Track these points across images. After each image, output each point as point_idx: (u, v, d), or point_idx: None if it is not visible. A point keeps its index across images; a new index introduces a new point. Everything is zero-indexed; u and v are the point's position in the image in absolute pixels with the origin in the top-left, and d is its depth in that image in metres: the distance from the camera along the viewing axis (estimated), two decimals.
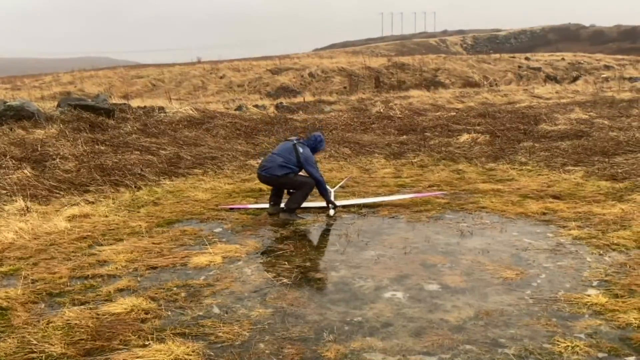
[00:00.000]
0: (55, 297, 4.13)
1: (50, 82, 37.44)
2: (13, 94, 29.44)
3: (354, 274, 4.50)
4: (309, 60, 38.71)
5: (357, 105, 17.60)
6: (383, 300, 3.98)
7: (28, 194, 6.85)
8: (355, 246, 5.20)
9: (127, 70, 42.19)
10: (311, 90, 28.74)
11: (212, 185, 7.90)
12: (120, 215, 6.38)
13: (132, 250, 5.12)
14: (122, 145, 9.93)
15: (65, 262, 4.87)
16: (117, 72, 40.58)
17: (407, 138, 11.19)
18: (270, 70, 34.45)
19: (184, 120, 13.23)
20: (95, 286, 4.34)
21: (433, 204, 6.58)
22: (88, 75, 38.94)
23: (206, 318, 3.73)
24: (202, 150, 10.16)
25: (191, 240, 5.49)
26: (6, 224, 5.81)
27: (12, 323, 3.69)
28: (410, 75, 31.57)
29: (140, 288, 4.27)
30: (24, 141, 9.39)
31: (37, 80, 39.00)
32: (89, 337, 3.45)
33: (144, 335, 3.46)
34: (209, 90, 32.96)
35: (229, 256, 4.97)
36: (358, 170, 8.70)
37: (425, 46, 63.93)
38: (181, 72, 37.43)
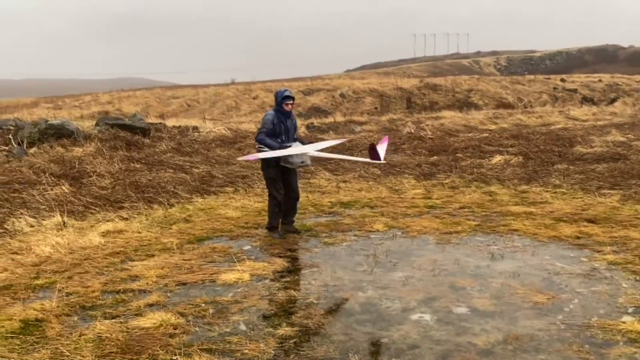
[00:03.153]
0: (88, 311, 4.24)
1: (89, 101, 38.75)
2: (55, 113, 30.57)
3: (381, 295, 4.47)
4: (340, 81, 39.03)
5: (388, 126, 17.60)
6: (410, 322, 3.94)
7: (65, 209, 7.07)
8: (383, 267, 5.17)
9: (163, 90, 43.36)
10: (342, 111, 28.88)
11: (242, 203, 7.99)
12: (152, 232, 6.52)
13: (163, 266, 5.22)
14: (156, 164, 10.17)
15: (99, 277, 5.00)
16: (154, 92, 41.74)
17: (438, 159, 11.12)
18: (302, 91, 34.82)
19: (217, 140, 13.48)
20: (126, 300, 4.43)
21: (464, 226, 6.51)
22: (126, 96, 40.14)
23: (233, 335, 3.77)
24: (233, 168, 10.31)
25: (220, 257, 5.56)
26: (44, 239, 6.00)
27: (47, 334, 3.80)
28: (443, 96, 31.43)
29: (169, 303, 4.35)
30: (63, 158, 9.72)
31: (78, 100, 40.42)
32: (119, 350, 3.52)
33: (172, 350, 3.51)
34: (241, 110, 33.54)
35: (257, 274, 5.01)
36: (387, 191, 8.67)
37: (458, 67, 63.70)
38: (215, 93, 38.22)
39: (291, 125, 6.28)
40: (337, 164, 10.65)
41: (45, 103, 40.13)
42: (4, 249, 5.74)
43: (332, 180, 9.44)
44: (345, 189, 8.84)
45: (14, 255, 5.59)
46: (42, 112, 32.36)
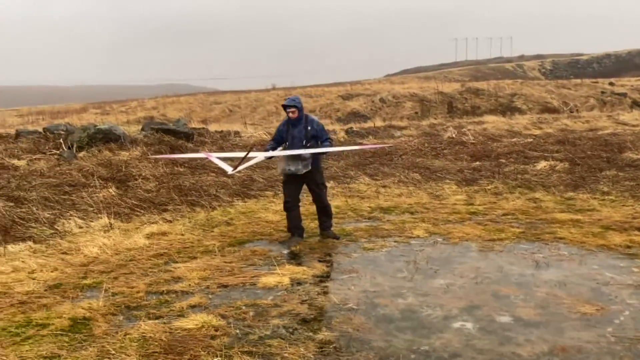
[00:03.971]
0: (133, 311, 4.35)
1: (135, 107, 39.91)
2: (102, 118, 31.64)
3: (422, 302, 4.41)
4: (380, 86, 38.86)
5: (428, 131, 17.41)
6: (452, 330, 3.88)
7: (112, 211, 7.29)
8: (424, 274, 5.11)
9: (206, 96, 44.23)
10: (382, 116, 28.74)
11: (281, 207, 8.03)
12: (195, 234, 6.65)
13: (205, 268, 5.31)
14: (199, 167, 10.37)
15: (143, 278, 5.12)
16: (197, 98, 42.63)
17: (480, 164, 10.91)
18: (341, 96, 34.87)
19: (257, 144, 13.63)
20: (169, 301, 4.52)
21: (507, 233, 6.36)
22: (170, 101, 41.17)
23: (272, 338, 3.79)
24: (273, 173, 10.40)
25: (260, 260, 5.62)
26: (92, 240, 6.21)
27: (94, 333, 3.92)
28: (485, 101, 30.84)
29: (211, 305, 4.41)
30: (110, 162, 10.03)
31: (124, 105, 41.70)
32: (162, 351, 3.60)
33: (213, 352, 3.56)
34: (282, 115, 33.78)
35: (297, 278, 5.02)
36: (428, 196, 8.57)
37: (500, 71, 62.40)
38: (256, 99, 38.70)
39: (299, 133, 6.16)
40: (376, 169, 10.61)
41: (94, 108, 41.59)
42: (55, 249, 5.97)
43: (371, 185, 9.40)
44: (384, 194, 8.79)
45: (63, 255, 5.80)
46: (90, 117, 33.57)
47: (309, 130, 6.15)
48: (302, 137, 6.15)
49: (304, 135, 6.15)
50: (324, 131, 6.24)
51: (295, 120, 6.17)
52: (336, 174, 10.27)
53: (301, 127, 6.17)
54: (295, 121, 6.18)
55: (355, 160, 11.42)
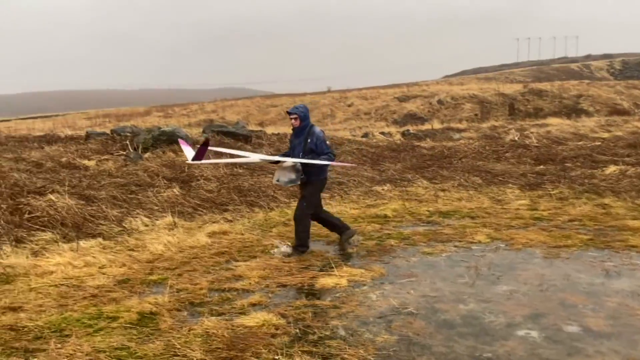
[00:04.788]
0: (196, 307, 4.48)
1: (196, 110, 41.19)
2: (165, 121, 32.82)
3: (484, 309, 4.30)
4: (438, 87, 38.27)
5: (488, 133, 16.99)
6: (516, 338, 3.76)
7: (176, 210, 7.55)
8: (486, 280, 4.98)
9: (263, 99, 45.04)
10: (439, 118, 28.30)
11: (338, 209, 8.07)
12: (254, 234, 6.77)
13: (265, 268, 5.40)
14: (257, 169, 10.56)
15: (206, 275, 5.27)
16: (254, 101, 43.47)
17: (544, 168, 10.52)
18: (397, 98, 34.60)
19: None
20: (231, 299, 4.63)
21: (574, 240, 6.10)
22: (229, 105, 42.20)
23: (332, 339, 3.80)
24: (329, 175, 10.44)
25: (318, 261, 5.65)
26: (157, 237, 6.45)
27: (160, 327, 4.06)
28: (549, 102, 29.74)
29: (271, 304, 4.48)
30: (174, 163, 10.39)
31: (185, 108, 43.12)
32: (225, 347, 3.69)
33: (274, 350, 3.61)
34: (337, 118, 33.96)
35: (355, 280, 5.02)
36: (489, 201, 8.35)
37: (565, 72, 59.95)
38: (312, 101, 39.01)
39: (299, 143, 5.89)
40: (435, 172, 10.44)
41: (157, 111, 43.23)
42: (123, 246, 6.24)
43: (429, 189, 9.26)
44: (444, 197, 8.64)
45: (130, 251, 6.06)
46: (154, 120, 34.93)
47: (308, 143, 5.82)
48: (301, 149, 5.87)
49: (302, 147, 5.85)
50: (324, 145, 5.83)
51: (297, 129, 5.90)
52: (393, 176, 10.20)
53: (302, 137, 5.88)
54: (297, 130, 5.91)
55: (412, 163, 11.29)
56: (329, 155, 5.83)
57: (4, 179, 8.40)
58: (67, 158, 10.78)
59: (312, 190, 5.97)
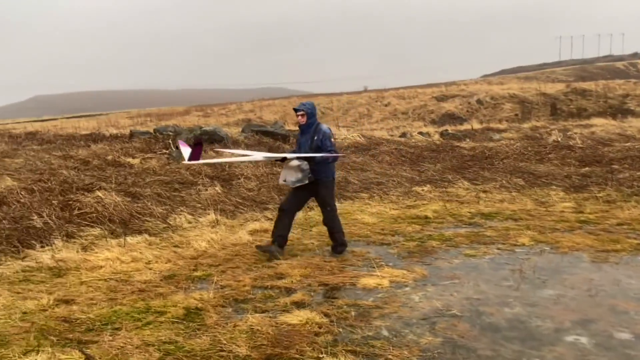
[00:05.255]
0: (240, 304, 4.55)
1: (234, 110, 41.74)
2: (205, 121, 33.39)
3: (530, 313, 4.22)
4: (477, 87, 37.64)
5: (530, 134, 16.60)
6: (564, 344, 3.67)
7: (218, 208, 7.68)
8: (531, 283, 4.88)
9: (300, 99, 45.21)
10: (478, 118, 27.83)
11: (378, 209, 8.05)
12: (294, 233, 6.80)
13: (306, 266, 5.43)
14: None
15: (248, 272, 5.35)
16: (292, 101, 43.68)
17: (590, 170, 10.22)
18: (435, 98, 34.21)
19: (351, 146, 13.74)
20: (273, 297, 4.68)
21: (623, 244, 5.91)
22: (266, 104, 42.58)
23: (375, 339, 3.80)
24: (368, 175, 10.43)
25: (359, 261, 5.66)
26: (201, 234, 6.58)
27: (206, 322, 4.14)
28: (593, 102, 28.84)
29: (313, 303, 4.51)
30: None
31: (224, 108, 43.75)
32: (269, 344, 3.73)
33: (318, 348, 3.64)
34: (373, 117, 33.83)
35: (396, 281, 5.00)
36: (533, 203, 8.17)
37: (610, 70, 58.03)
38: (348, 101, 39.01)
39: (305, 141, 5.78)
40: (476, 173, 10.29)
41: (196, 111, 44.02)
42: (168, 242, 6.39)
43: (470, 190, 9.13)
44: (485, 199, 8.51)
45: (175, 248, 6.20)
46: (193, 119, 35.59)
47: (314, 140, 5.69)
48: (307, 147, 5.74)
49: (309, 145, 5.72)
50: (328, 142, 5.69)
51: (304, 126, 5.79)
52: (433, 177, 10.10)
53: (308, 135, 5.76)
54: (304, 128, 5.80)
55: (453, 164, 11.15)
56: (331, 152, 5.70)
57: (54, 175, 8.72)
58: (112, 156, 11.11)
59: (328, 192, 5.85)
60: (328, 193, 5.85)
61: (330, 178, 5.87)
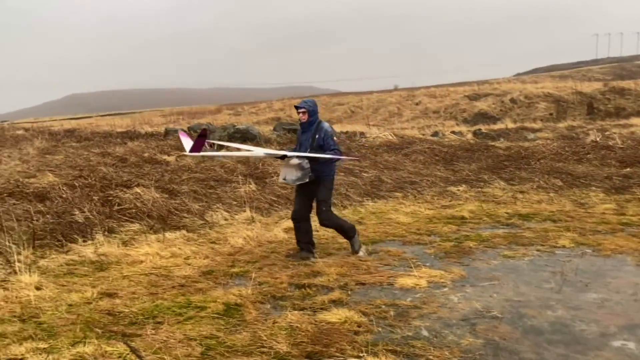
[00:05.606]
0: (278, 300, 4.58)
1: (264, 108, 41.99)
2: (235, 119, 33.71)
3: (574, 316, 4.13)
4: (510, 86, 36.96)
5: (566, 133, 16.25)
6: (611, 349, 3.58)
7: (253, 206, 7.75)
8: (573, 286, 4.78)
9: (329, 97, 45.28)
10: (512, 117, 27.33)
11: (412, 209, 8.00)
12: (329, 231, 6.82)
13: (342, 265, 5.44)
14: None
15: (285, 269, 5.38)
16: (321, 99, 43.69)
17: (632, 171, 9.93)
18: (467, 96, 33.74)
19: (383, 145, 13.69)
20: (311, 295, 4.70)
21: None
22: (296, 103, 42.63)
23: (415, 339, 3.78)
24: (401, 174, 10.37)
25: (395, 261, 5.63)
26: (237, 231, 6.65)
27: (245, 318, 4.19)
28: (632, 102, 27.98)
29: (351, 302, 4.51)
30: (249, 159, 10.65)
31: (254, 107, 44.06)
32: (309, 341, 3.75)
33: (358, 347, 3.64)
34: (404, 116, 33.58)
35: (434, 281, 4.96)
36: (571, 204, 7.99)
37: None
38: (378, 99, 38.80)
39: (306, 140, 5.66)
40: (512, 173, 10.12)
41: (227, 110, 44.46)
42: (205, 239, 6.49)
43: (507, 190, 8.99)
44: (522, 199, 8.36)
45: (213, 244, 6.28)
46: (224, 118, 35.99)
47: (316, 139, 5.58)
48: (308, 146, 5.62)
49: (310, 144, 5.61)
50: (331, 140, 5.59)
51: (305, 124, 5.69)
52: (468, 177, 9.97)
53: (310, 134, 5.65)
54: (305, 126, 5.70)
55: (488, 164, 11.00)
56: (334, 152, 5.57)
57: (94, 172, 8.94)
58: (148, 153, 11.32)
59: (326, 191, 5.73)
60: (327, 191, 5.73)
61: (331, 177, 5.78)
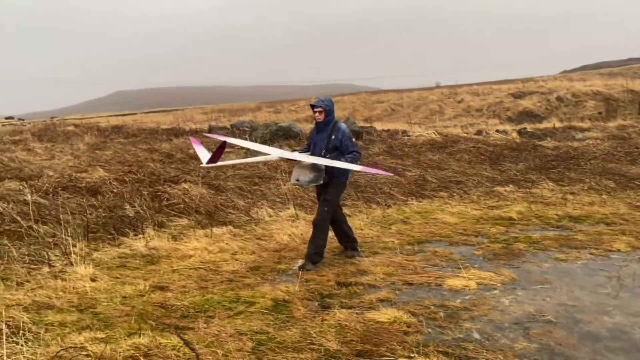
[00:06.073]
0: (326, 298, 4.59)
1: (303, 106, 42.08)
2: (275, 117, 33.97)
3: (633, 323, 3.97)
4: (556, 84, 35.89)
5: (616, 133, 15.66)
6: None
7: (297, 203, 7.79)
8: (631, 292, 4.60)
9: (369, 95, 45.04)
10: (558, 116, 26.53)
11: (458, 209, 7.87)
12: (373, 230, 6.80)
13: (388, 265, 5.40)
14: (371, 165, 10.59)
15: (331, 267, 5.39)
16: (360, 97, 43.60)
17: None
18: (512, 94, 32.95)
19: (426, 144, 13.53)
20: (358, 293, 4.69)
21: None
22: (335, 100, 42.54)
23: (467, 341, 3.71)
24: (446, 173, 10.22)
25: (443, 262, 5.55)
26: (281, 228, 6.70)
27: (294, 315, 4.21)
28: None
29: (399, 301, 4.47)
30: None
31: (293, 104, 44.28)
32: (359, 340, 3.74)
33: (409, 348, 3.60)
34: (445, 114, 33.07)
35: (484, 283, 4.87)
36: (626, 207, 7.69)
37: None
38: (419, 97, 38.38)
39: (321, 140, 5.46)
40: (561, 174, 9.83)
41: (267, 107, 44.85)
42: (251, 235, 6.56)
43: (556, 191, 8.73)
44: (573, 201, 8.10)
45: (258, 240, 6.35)
46: (264, 115, 36.30)
47: (332, 140, 5.39)
48: (323, 146, 5.43)
49: (325, 144, 5.41)
50: (349, 142, 5.39)
51: (321, 124, 5.48)
52: (515, 177, 9.74)
53: (325, 134, 5.44)
54: (321, 125, 5.49)
55: (536, 164, 10.71)
56: (354, 155, 5.38)
57: (142, 167, 9.17)
58: (193, 150, 11.52)
59: (335, 193, 5.52)
60: (335, 192, 5.51)
61: (344, 179, 5.57)
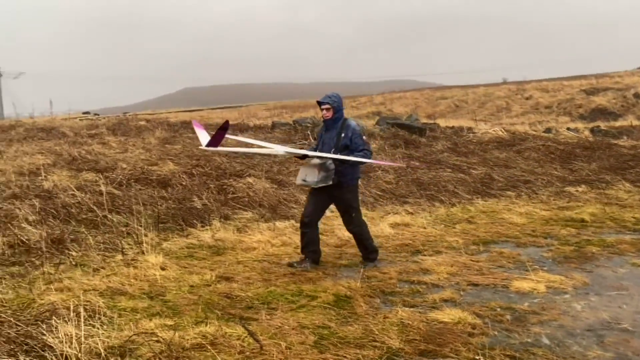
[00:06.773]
0: (388, 296, 4.56)
1: (365, 102, 41.99)
2: None
3: None
4: (634, 79, 33.84)
5: None
6: None
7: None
8: None
9: (432, 91, 44.26)
10: (635, 113, 25.07)
11: (526, 209, 7.60)
12: (437, 229, 6.69)
13: (452, 264, 5.29)
14: (434, 162, 10.41)
15: (392, 265, 5.35)
16: (424, 93, 42.91)
17: None
18: (584, 91, 31.43)
19: (492, 141, 13.13)
20: (421, 292, 4.62)
21: None
22: (397, 97, 42.24)
23: (536, 347, 3.58)
24: (513, 172, 9.89)
25: (509, 263, 5.38)
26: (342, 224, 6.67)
27: (356, 311, 4.21)
28: None
29: (463, 302, 4.37)
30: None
31: (355, 101, 44.18)
32: (422, 339, 3.68)
33: (474, 350, 3.51)
34: (512, 111, 31.99)
35: (554, 287, 4.68)
36: None
37: None
38: (485, 94, 37.31)
39: (329, 139, 5.19)
40: (639, 175, 9.27)
41: None
42: None
43: (633, 193, 8.27)
44: None
45: (320, 235, 6.35)
46: None
47: (341, 138, 5.11)
48: (332, 145, 5.15)
49: (335, 143, 5.14)
50: (360, 140, 5.14)
51: (329, 121, 5.22)
52: (588, 177, 9.29)
53: (334, 132, 5.17)
54: (329, 123, 5.23)
55: (611, 164, 10.17)
56: (364, 153, 5.14)
57: (209, 162, 9.44)
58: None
59: (354, 198, 5.35)
60: (353, 197, 5.32)
61: (355, 181, 5.35)
